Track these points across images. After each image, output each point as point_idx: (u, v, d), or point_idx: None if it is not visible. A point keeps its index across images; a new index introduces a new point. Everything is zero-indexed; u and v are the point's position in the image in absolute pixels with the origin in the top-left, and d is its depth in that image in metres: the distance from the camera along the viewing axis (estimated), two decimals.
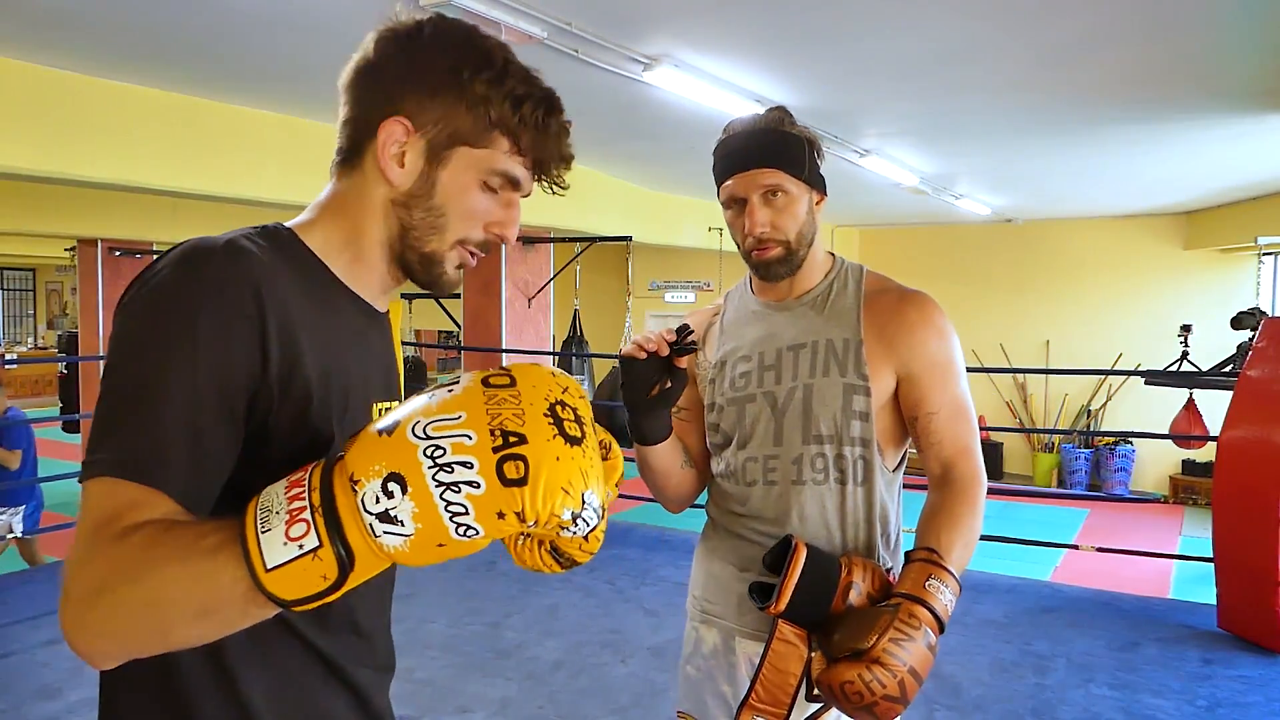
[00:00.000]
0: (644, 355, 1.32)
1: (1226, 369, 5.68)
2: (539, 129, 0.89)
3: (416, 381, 7.85)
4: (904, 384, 1.39)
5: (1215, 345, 6.83)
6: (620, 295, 8.42)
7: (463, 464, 0.62)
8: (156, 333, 0.75)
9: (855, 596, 1.24)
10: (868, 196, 7.99)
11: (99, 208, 7.39)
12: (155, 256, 0.82)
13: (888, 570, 1.39)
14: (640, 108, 4.50)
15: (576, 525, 0.66)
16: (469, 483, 0.62)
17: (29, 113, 3.81)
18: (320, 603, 0.65)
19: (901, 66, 3.87)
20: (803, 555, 1.24)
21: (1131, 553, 4.80)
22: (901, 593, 1.23)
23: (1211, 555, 3.82)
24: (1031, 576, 4.78)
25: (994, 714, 3.06)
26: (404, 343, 7.58)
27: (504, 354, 6.83)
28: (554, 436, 0.64)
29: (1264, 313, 5.56)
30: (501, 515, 0.62)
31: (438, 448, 0.63)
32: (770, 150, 1.38)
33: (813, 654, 1.25)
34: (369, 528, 0.63)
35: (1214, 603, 3.78)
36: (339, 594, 0.65)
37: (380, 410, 0.94)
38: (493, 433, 0.63)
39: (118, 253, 8.35)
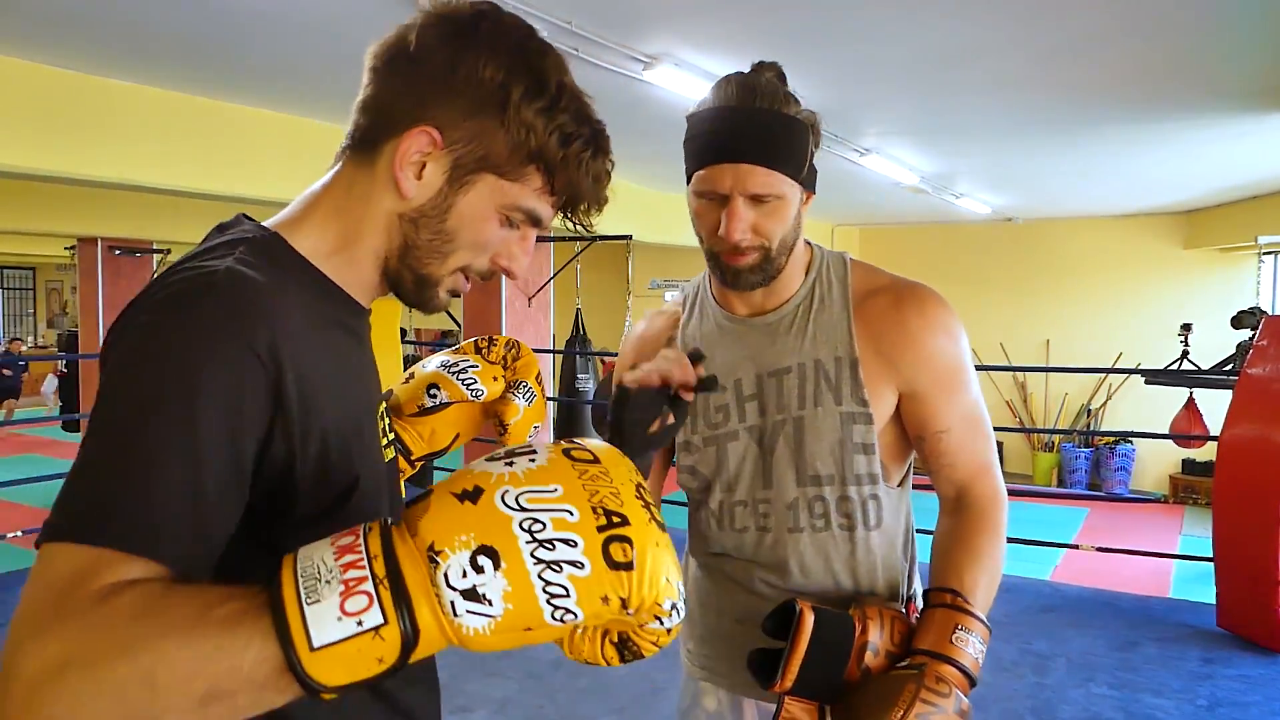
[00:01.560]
0: (657, 383, 1.06)
1: (1227, 368, 5.68)
2: (579, 171, 0.79)
3: None
4: (907, 400, 1.18)
5: (1215, 345, 6.82)
6: (621, 295, 8.42)
7: (565, 541, 0.56)
8: (152, 384, 0.64)
9: (871, 658, 1.06)
10: (868, 196, 7.99)
11: (99, 207, 7.40)
12: (156, 265, 0.75)
13: (908, 600, 1.24)
14: (640, 107, 4.50)
15: (672, 616, 0.60)
16: (572, 562, 0.56)
17: (29, 112, 3.81)
18: (357, 687, 0.56)
19: (901, 66, 3.87)
20: (809, 626, 1.04)
21: (1131, 552, 4.80)
22: (925, 650, 1.05)
23: (1211, 555, 3.82)
24: (1031, 576, 4.78)
25: (994, 714, 3.06)
26: (404, 341, 7.58)
27: None
28: (649, 521, 0.59)
29: (1264, 312, 5.56)
30: (606, 600, 0.57)
31: (536, 521, 0.56)
32: (771, 142, 1.11)
33: None
34: (448, 606, 0.55)
35: (1214, 602, 3.78)
36: (383, 678, 0.56)
37: (378, 416, 0.87)
38: (595, 510, 0.57)
39: (118, 251, 8.36)
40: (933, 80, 4.09)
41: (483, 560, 0.55)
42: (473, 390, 0.96)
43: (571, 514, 0.57)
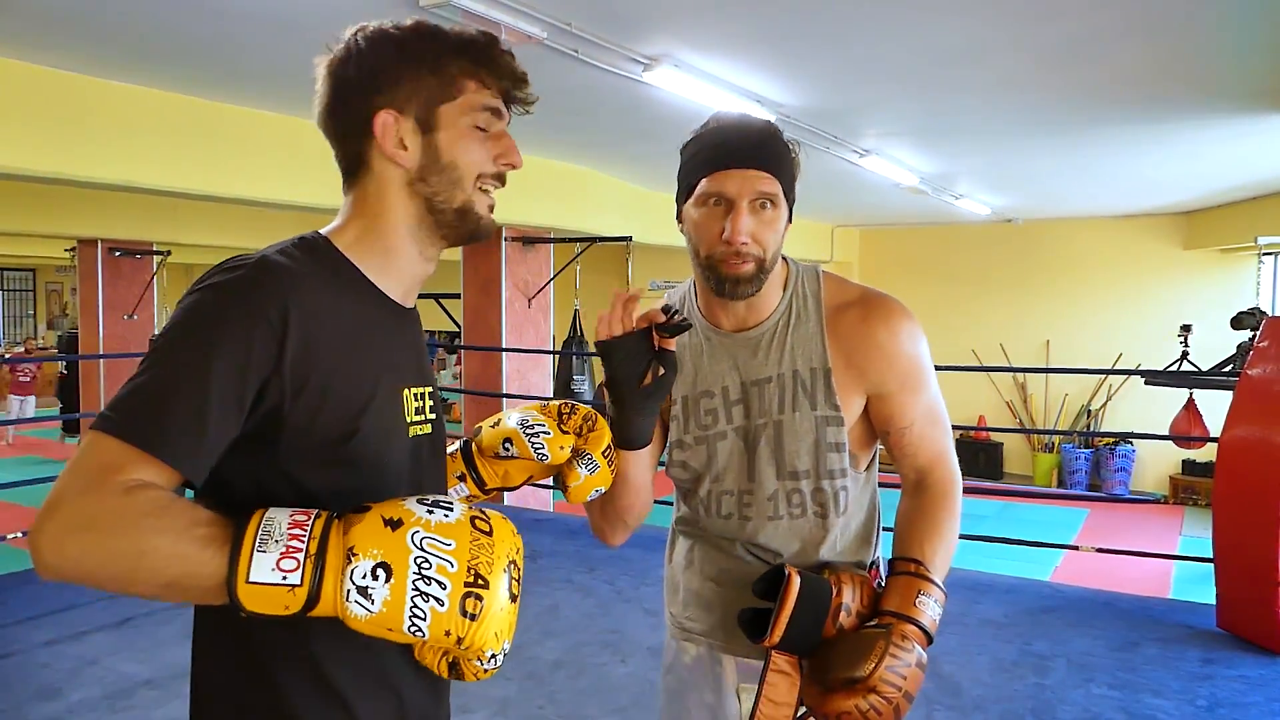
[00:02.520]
0: (621, 332, 1.19)
1: (1226, 369, 5.68)
2: (491, 59, 0.98)
3: None
4: (875, 401, 1.32)
5: (1215, 345, 6.82)
6: None
7: (439, 582, 0.77)
8: (187, 328, 0.86)
9: (845, 617, 1.20)
10: (868, 196, 7.99)
11: (99, 208, 7.40)
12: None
13: (872, 565, 1.38)
14: (640, 108, 4.50)
15: (489, 663, 0.83)
16: (437, 599, 0.77)
17: (29, 113, 3.81)
18: (262, 617, 0.78)
19: (901, 66, 3.87)
20: (795, 587, 1.18)
21: (1131, 553, 4.79)
22: (891, 611, 1.20)
23: (1211, 555, 3.82)
24: (1031, 576, 4.78)
25: (994, 714, 3.06)
26: None
27: (504, 354, 6.82)
28: (504, 591, 0.80)
29: (1264, 313, 5.55)
30: (448, 634, 0.77)
31: (427, 561, 0.77)
32: (774, 156, 1.24)
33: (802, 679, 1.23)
34: (345, 592, 0.76)
35: (1214, 603, 3.78)
36: (281, 618, 0.78)
37: (414, 394, 1.02)
38: (469, 569, 0.78)
39: (118, 253, 8.35)
40: (933, 81, 4.09)
41: (380, 572, 0.77)
42: (539, 453, 1.13)
43: (452, 565, 0.78)
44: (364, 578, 0.76)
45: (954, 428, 1.46)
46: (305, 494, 0.89)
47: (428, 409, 1.05)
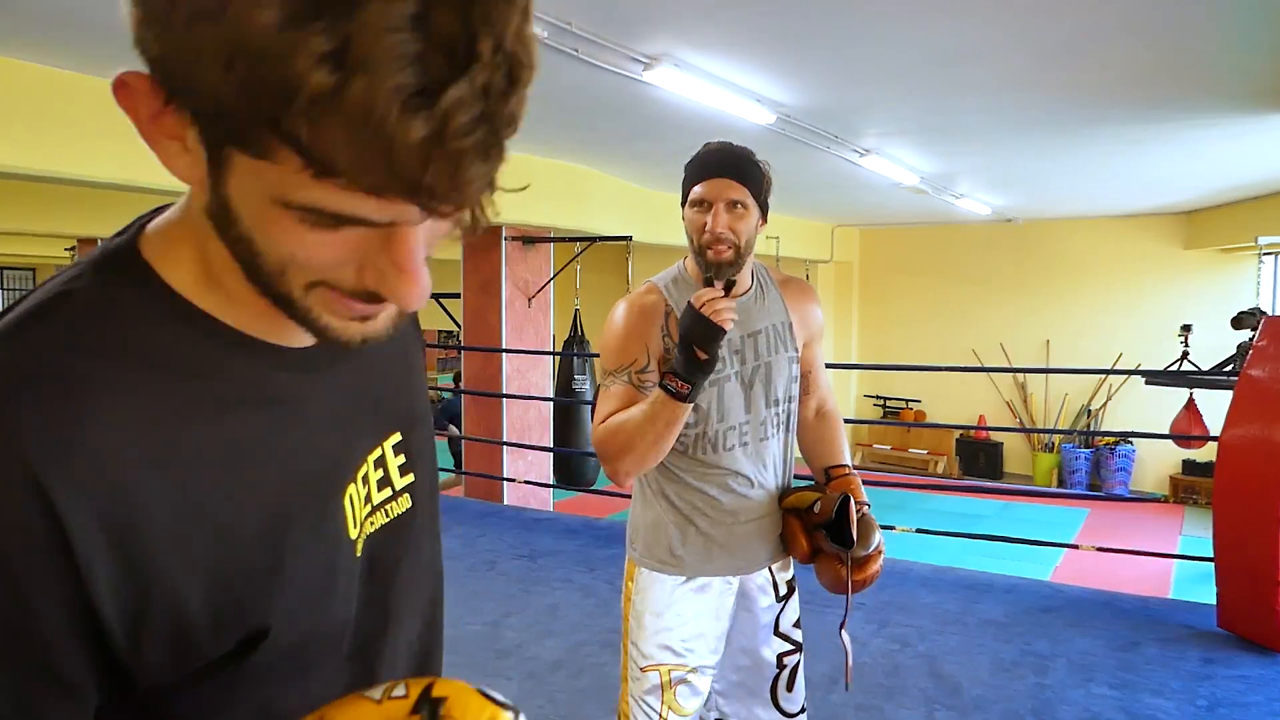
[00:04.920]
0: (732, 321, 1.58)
1: (1227, 369, 5.68)
2: (356, 121, 0.41)
3: None
4: (805, 347, 1.91)
5: (1215, 345, 6.82)
6: (620, 295, 8.43)
7: None
8: None
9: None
10: (868, 196, 7.99)
11: (99, 208, 7.39)
12: None
13: (843, 465, 1.99)
14: (640, 107, 4.50)
15: None
16: None
17: (29, 113, 3.81)
18: None
19: (901, 66, 3.87)
20: (851, 508, 1.70)
21: (1132, 552, 4.79)
22: (859, 501, 1.78)
23: (1212, 555, 3.82)
24: (1031, 576, 4.77)
25: (994, 714, 3.06)
26: None
27: (504, 354, 6.82)
28: None
29: (1264, 312, 5.55)
30: None
31: None
32: (742, 169, 1.72)
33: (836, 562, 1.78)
34: None
35: (1214, 602, 3.78)
36: None
37: (360, 489, 0.65)
38: None
39: None
40: (933, 80, 4.09)
41: None
42: None
43: None
44: None
45: (954, 427, 1.60)
46: None
47: (395, 475, 0.68)
